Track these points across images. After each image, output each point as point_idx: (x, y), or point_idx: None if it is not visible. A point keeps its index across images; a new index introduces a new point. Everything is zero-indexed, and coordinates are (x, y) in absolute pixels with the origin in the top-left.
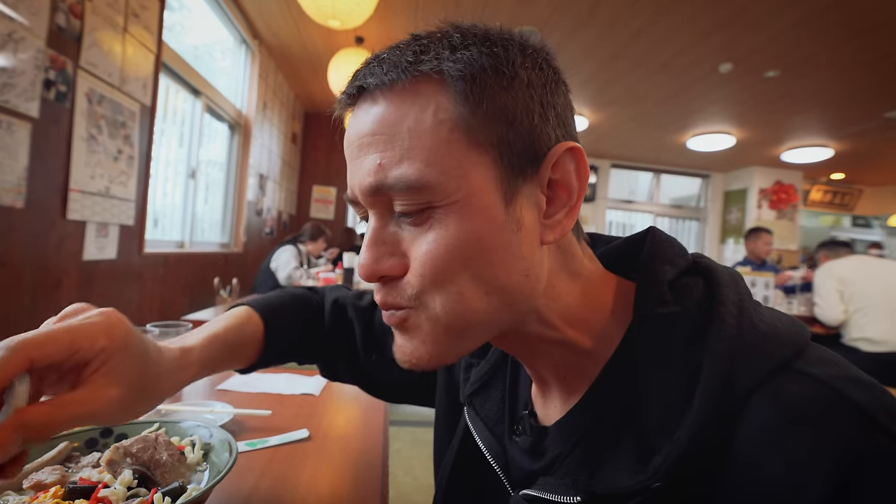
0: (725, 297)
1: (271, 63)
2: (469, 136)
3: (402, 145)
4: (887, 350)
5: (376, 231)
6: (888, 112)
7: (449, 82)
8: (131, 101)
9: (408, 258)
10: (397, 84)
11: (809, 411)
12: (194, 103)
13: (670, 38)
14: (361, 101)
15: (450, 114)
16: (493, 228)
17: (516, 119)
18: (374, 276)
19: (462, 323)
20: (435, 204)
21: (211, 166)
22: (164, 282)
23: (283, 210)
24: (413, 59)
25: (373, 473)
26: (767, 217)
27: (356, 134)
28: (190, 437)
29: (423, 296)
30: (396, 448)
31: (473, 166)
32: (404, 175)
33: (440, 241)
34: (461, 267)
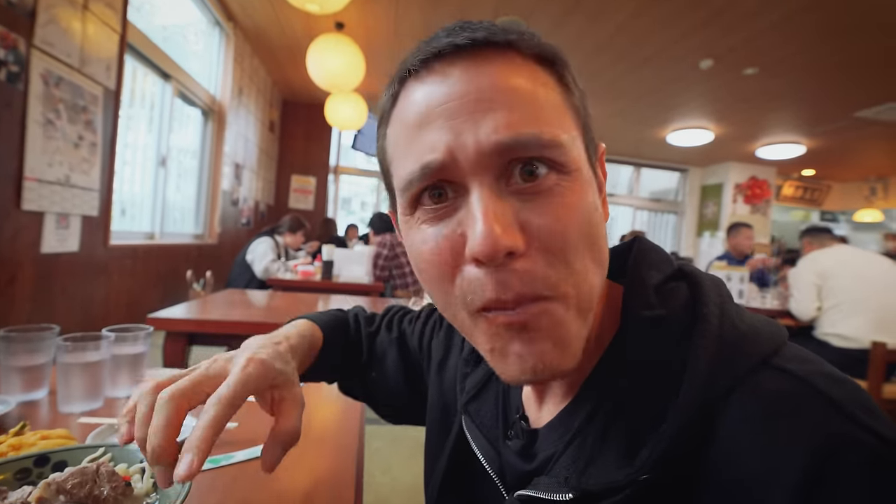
0: (708, 299)
1: (247, 47)
2: (575, 115)
3: (534, 106)
4: (857, 347)
5: (491, 199)
6: (858, 111)
7: (553, 64)
8: (93, 84)
9: (526, 231)
10: (524, 46)
11: (786, 405)
12: (164, 87)
13: (653, 32)
14: (462, 59)
15: (561, 91)
16: (597, 202)
17: (588, 111)
18: (502, 250)
19: (588, 303)
20: (564, 169)
21: (183, 154)
22: (132, 275)
23: (261, 200)
24: (517, 35)
25: (346, 489)
26: (742, 211)
27: (465, 88)
28: (140, 464)
29: (559, 278)
30: (375, 447)
31: (581, 142)
32: (543, 133)
33: (570, 208)
34: (587, 237)
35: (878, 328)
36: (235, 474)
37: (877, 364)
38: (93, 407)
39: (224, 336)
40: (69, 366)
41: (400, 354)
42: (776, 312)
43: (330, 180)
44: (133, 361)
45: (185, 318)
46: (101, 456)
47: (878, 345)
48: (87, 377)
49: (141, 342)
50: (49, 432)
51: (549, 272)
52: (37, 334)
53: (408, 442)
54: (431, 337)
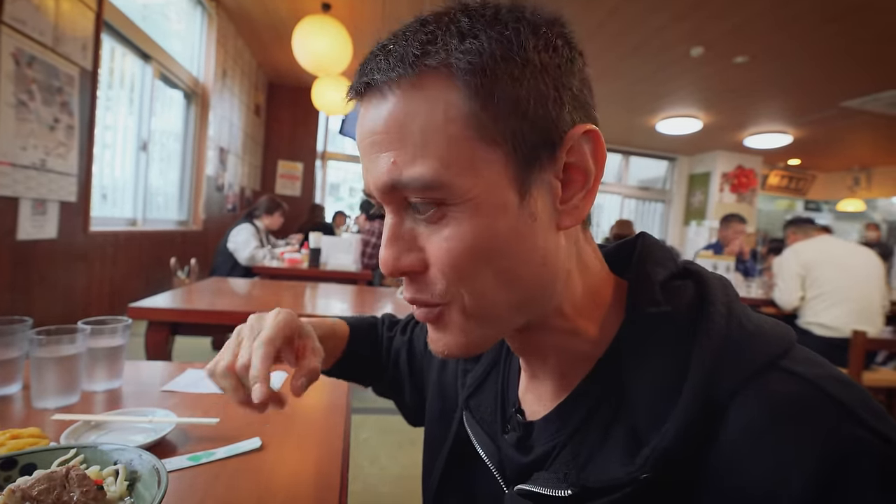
0: (715, 297)
1: (230, 28)
2: (481, 133)
3: (414, 144)
4: (838, 336)
5: (394, 227)
6: (844, 101)
7: (458, 76)
8: (69, 64)
9: (426, 253)
10: (405, 79)
11: (795, 408)
12: (144, 69)
13: (644, 18)
14: (370, 96)
15: (460, 110)
16: (508, 223)
17: (529, 109)
18: (395, 271)
19: (490, 315)
20: (450, 202)
21: (166, 137)
22: (114, 263)
23: (247, 186)
24: (420, 51)
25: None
26: (728, 200)
27: (368, 131)
28: (114, 465)
29: (451, 291)
30: (364, 437)
31: (486, 164)
32: (418, 175)
33: (457, 238)
34: (480, 263)
35: (859, 317)
36: (217, 471)
37: (857, 352)
38: (69, 402)
39: (209, 326)
40: (43, 360)
41: (408, 357)
42: (760, 301)
43: (317, 166)
44: (111, 354)
45: (168, 307)
46: (72, 458)
47: (858, 334)
48: (62, 372)
49: (119, 335)
50: (20, 431)
51: (440, 286)
52: (8, 327)
53: (396, 432)
54: None
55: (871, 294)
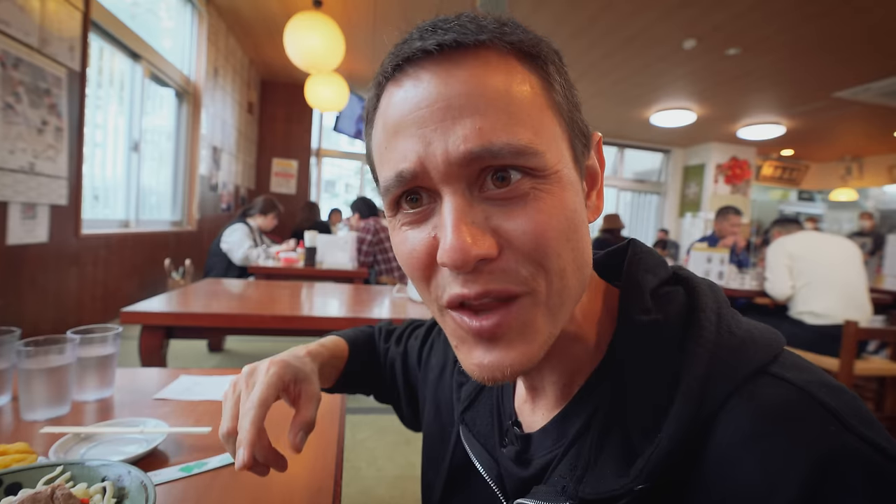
0: (705, 304)
1: (221, 25)
2: (558, 112)
3: (505, 111)
4: (829, 323)
5: (462, 208)
6: (836, 92)
7: (534, 58)
8: (56, 66)
9: (500, 235)
10: (491, 47)
11: (784, 414)
12: (134, 68)
13: (637, 11)
14: (433, 63)
15: (541, 88)
16: (579, 202)
17: (575, 105)
18: (472, 259)
19: (563, 301)
20: (539, 174)
21: (158, 137)
22: (106, 265)
23: (241, 185)
24: (497, 28)
25: (325, 497)
26: (723, 192)
27: (436, 96)
28: (102, 482)
29: (536, 276)
30: (360, 438)
31: (561, 141)
32: (515, 140)
33: (547, 212)
34: (565, 240)
35: (847, 304)
36: (209, 482)
37: (849, 342)
38: (59, 413)
39: (204, 329)
40: (31, 371)
41: (402, 368)
42: (754, 293)
43: (312, 163)
44: (101, 364)
45: (162, 311)
46: (58, 475)
47: (850, 323)
48: (52, 383)
49: (110, 343)
50: (6, 447)
51: (519, 270)
52: None
53: (393, 432)
54: (431, 350)
55: (856, 280)
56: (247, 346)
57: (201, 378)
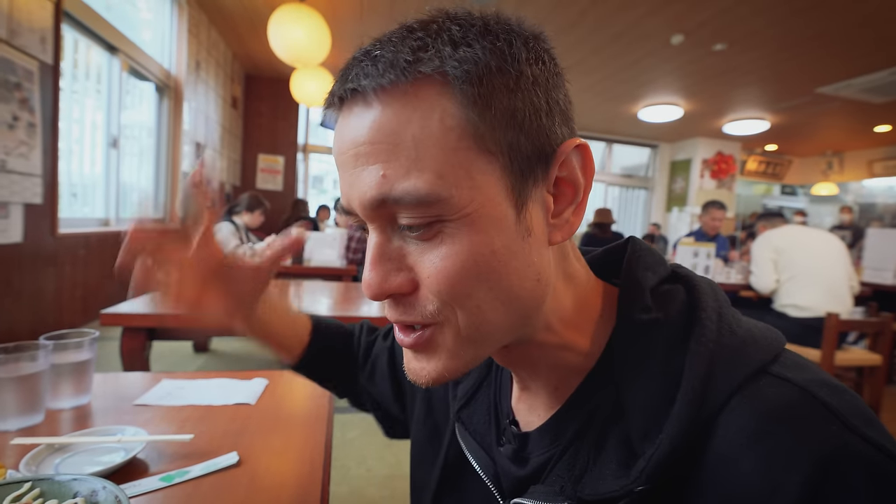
0: (705, 303)
1: (203, 17)
2: (478, 144)
3: (407, 155)
4: (812, 315)
5: (380, 246)
6: (819, 87)
7: (454, 84)
8: (26, 58)
9: (415, 272)
10: (397, 86)
11: (786, 414)
12: (111, 61)
13: (626, 6)
14: (353, 104)
15: (457, 120)
16: (505, 238)
17: (525, 121)
18: (382, 294)
19: (482, 335)
20: (445, 217)
21: (139, 132)
22: (85, 266)
23: (226, 181)
24: (412, 57)
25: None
26: (709, 186)
27: (351, 141)
28: (73, 499)
29: (444, 311)
30: (350, 437)
31: (484, 175)
32: (413, 188)
33: (454, 256)
34: (477, 281)
35: (830, 297)
36: (191, 491)
37: (830, 333)
38: (32, 423)
39: (188, 330)
40: (1, 380)
41: (389, 363)
42: (739, 286)
43: (299, 159)
44: (77, 370)
45: (144, 312)
46: (26, 492)
47: (831, 315)
48: (23, 391)
49: (86, 348)
50: None
51: (427, 306)
52: None
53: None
54: None
55: (838, 274)
56: (233, 345)
57: (184, 382)
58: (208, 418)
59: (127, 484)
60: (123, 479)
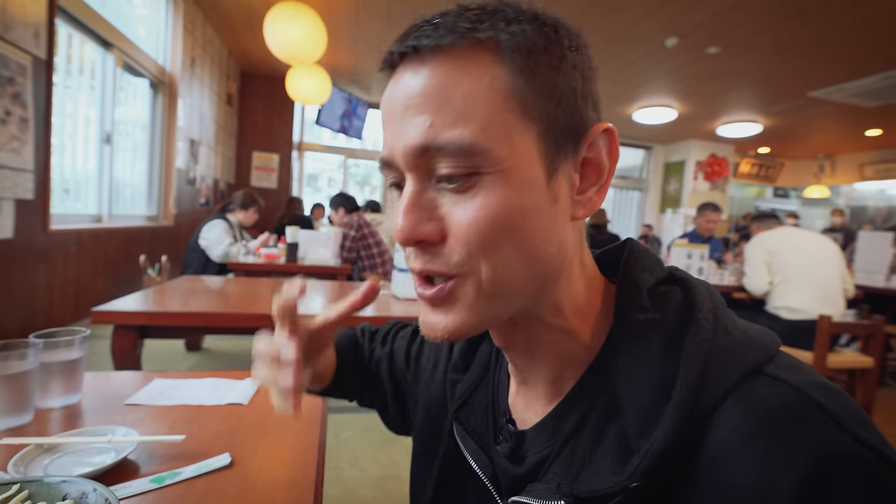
0: (702, 304)
1: (198, 14)
2: (521, 108)
3: (456, 108)
4: (804, 318)
5: (415, 195)
6: (811, 91)
7: (506, 53)
8: (19, 53)
9: (445, 224)
10: (454, 48)
11: (781, 414)
12: (105, 57)
13: (621, 8)
14: (409, 63)
15: (505, 84)
16: (535, 200)
17: (563, 97)
18: (412, 239)
19: (503, 290)
20: (483, 170)
21: (132, 129)
22: (78, 262)
23: (220, 178)
24: (470, 25)
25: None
26: (702, 188)
27: (404, 94)
28: (63, 501)
29: (470, 262)
30: (343, 438)
31: (522, 137)
32: (458, 137)
33: (487, 208)
34: (505, 235)
35: (823, 300)
36: (183, 493)
37: (822, 336)
38: (21, 422)
39: (180, 328)
40: None
41: (389, 369)
42: (733, 288)
43: (294, 157)
44: (67, 369)
45: (136, 310)
46: (14, 494)
47: (823, 318)
48: (12, 390)
49: (76, 347)
50: None
51: (453, 256)
52: None
53: (376, 432)
54: (420, 349)
55: (832, 277)
56: (226, 344)
57: (176, 381)
58: (200, 418)
59: (117, 485)
60: (114, 481)
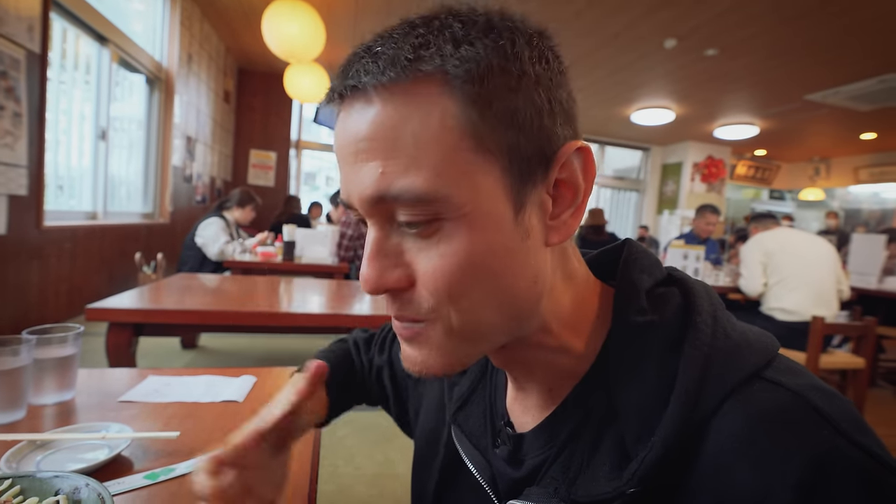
0: (700, 307)
1: (195, 10)
2: (478, 144)
3: (406, 153)
4: (798, 319)
5: (378, 242)
6: (807, 94)
7: (454, 84)
8: (13, 47)
9: (413, 269)
10: (397, 84)
11: (780, 418)
12: (101, 52)
13: (620, 9)
14: (353, 101)
15: (457, 119)
16: (503, 239)
17: (525, 122)
18: (379, 289)
19: (475, 334)
20: (444, 216)
21: (128, 125)
22: (72, 259)
23: (217, 176)
24: (413, 55)
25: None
26: (699, 190)
27: (351, 138)
28: (55, 496)
29: (439, 309)
30: (339, 436)
31: (483, 175)
32: (411, 186)
33: (450, 256)
34: (473, 280)
35: (817, 301)
36: (175, 489)
37: (815, 337)
38: (13, 419)
39: (175, 326)
40: None
41: (390, 374)
42: (728, 289)
43: (292, 155)
44: (61, 365)
45: (130, 307)
46: (7, 489)
47: (816, 319)
48: (4, 386)
49: (70, 344)
50: None
51: (423, 303)
52: None
53: (372, 430)
54: None
55: (826, 279)
56: (222, 342)
57: (171, 379)
58: (195, 415)
59: (111, 481)
60: (107, 477)
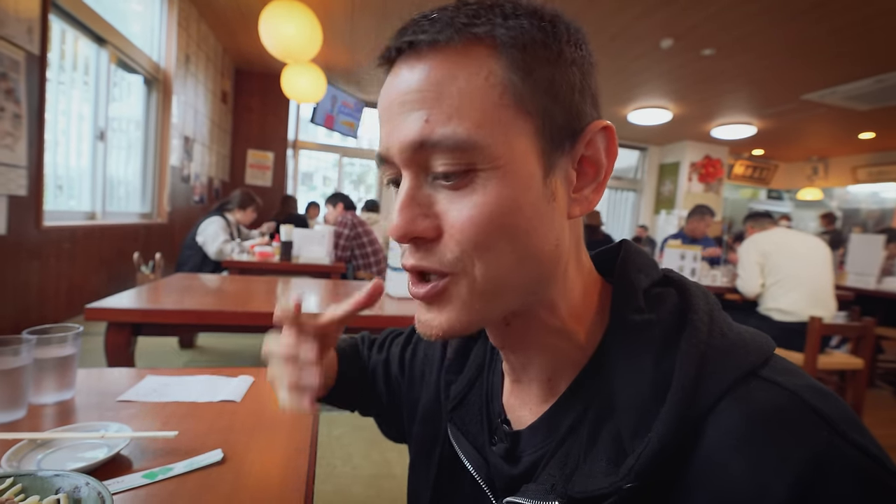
0: (697, 306)
1: (193, 10)
2: (517, 103)
3: (451, 104)
4: (795, 320)
5: (411, 191)
6: (805, 94)
7: (502, 48)
8: (13, 48)
9: (441, 221)
10: (450, 44)
11: (776, 417)
12: (99, 53)
13: (617, 9)
14: (406, 58)
15: (501, 79)
16: (531, 197)
17: (560, 93)
18: (407, 236)
19: (497, 288)
20: (479, 167)
21: (126, 125)
22: (71, 259)
23: (215, 176)
24: (467, 21)
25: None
26: (696, 190)
27: (400, 90)
28: (56, 495)
29: (464, 261)
30: (336, 435)
31: (519, 133)
32: (453, 133)
33: (482, 206)
34: (501, 234)
35: (814, 302)
36: (174, 489)
37: (813, 337)
38: (14, 418)
39: (174, 326)
40: None
41: (384, 375)
42: (725, 289)
43: (289, 155)
44: (60, 365)
45: (129, 307)
46: (8, 487)
47: (814, 319)
48: (5, 386)
49: (69, 343)
50: None
51: (447, 254)
52: None
53: (370, 430)
54: (413, 354)
55: (823, 279)
56: (220, 342)
57: (169, 378)
58: (193, 415)
59: (110, 480)
60: (106, 476)
